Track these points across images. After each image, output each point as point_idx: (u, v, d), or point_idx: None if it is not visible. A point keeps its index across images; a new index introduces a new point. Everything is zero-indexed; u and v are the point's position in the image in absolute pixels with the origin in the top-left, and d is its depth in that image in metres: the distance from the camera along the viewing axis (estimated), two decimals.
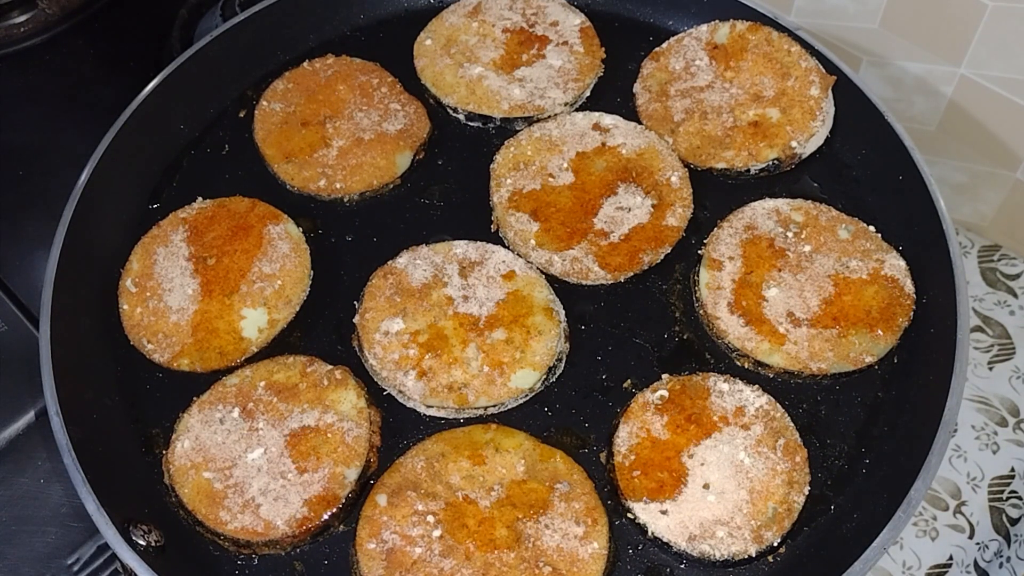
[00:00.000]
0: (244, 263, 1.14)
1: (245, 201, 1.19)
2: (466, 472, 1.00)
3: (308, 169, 1.22)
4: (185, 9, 1.58)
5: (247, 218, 1.17)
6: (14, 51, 1.55)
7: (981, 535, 1.19)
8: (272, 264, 1.14)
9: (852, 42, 1.43)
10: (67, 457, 0.97)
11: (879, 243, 1.14)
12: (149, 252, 1.16)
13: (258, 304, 1.11)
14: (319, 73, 1.30)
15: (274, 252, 1.14)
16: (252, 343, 1.10)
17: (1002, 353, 1.33)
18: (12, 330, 1.23)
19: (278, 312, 1.11)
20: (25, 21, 1.57)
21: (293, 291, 1.13)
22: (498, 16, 1.35)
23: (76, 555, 1.10)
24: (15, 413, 1.17)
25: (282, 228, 1.17)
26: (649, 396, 1.05)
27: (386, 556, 0.95)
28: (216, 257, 1.14)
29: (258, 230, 1.16)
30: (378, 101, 1.27)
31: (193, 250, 1.15)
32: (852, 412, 1.07)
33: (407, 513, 0.97)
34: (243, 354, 1.09)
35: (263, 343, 1.10)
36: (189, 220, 1.18)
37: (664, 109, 1.26)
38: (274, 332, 1.11)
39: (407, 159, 1.24)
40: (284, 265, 1.14)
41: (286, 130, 1.25)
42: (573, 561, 0.95)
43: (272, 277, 1.13)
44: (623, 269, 1.14)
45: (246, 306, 1.11)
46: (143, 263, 1.15)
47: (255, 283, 1.12)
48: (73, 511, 1.12)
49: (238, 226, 1.16)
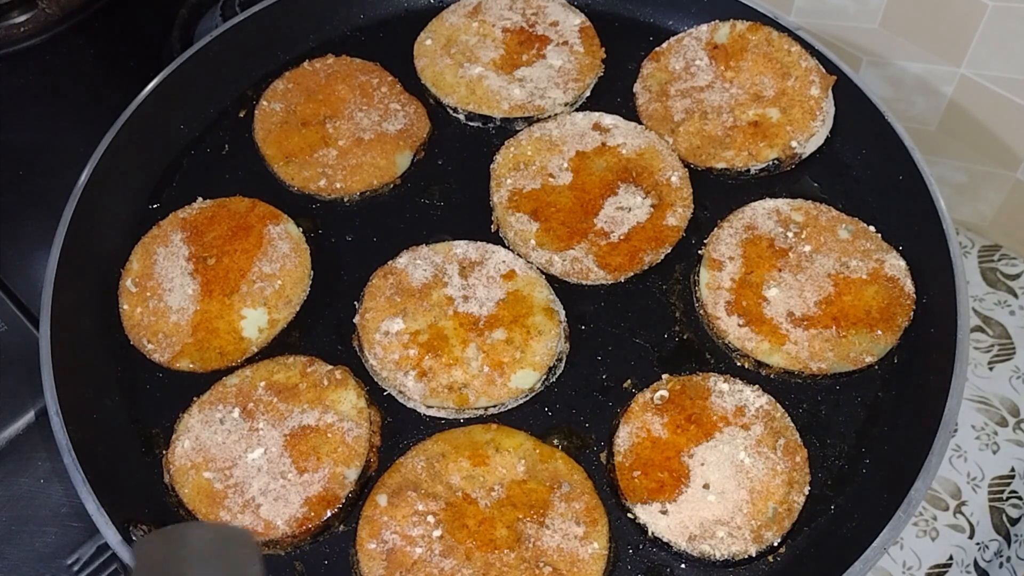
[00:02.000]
0: (244, 263, 1.14)
1: (245, 201, 1.19)
2: (466, 472, 1.00)
3: (308, 169, 1.22)
4: (185, 9, 1.58)
5: (247, 218, 1.17)
6: (14, 51, 1.55)
7: (981, 535, 1.19)
8: (272, 264, 1.14)
9: (852, 42, 1.43)
10: (67, 457, 0.97)
11: (879, 243, 1.14)
12: (149, 252, 1.16)
13: (258, 304, 1.11)
14: (319, 73, 1.30)
15: (274, 252, 1.14)
16: (252, 343, 1.10)
17: (1002, 353, 1.32)
18: (12, 330, 1.23)
19: (278, 312, 1.11)
20: (25, 21, 1.57)
21: (293, 291, 1.13)
22: (498, 16, 1.35)
23: (76, 555, 1.10)
24: (15, 413, 1.17)
25: (282, 228, 1.17)
26: (649, 396, 1.05)
27: (386, 556, 0.95)
28: (216, 257, 1.14)
29: (258, 230, 1.16)
30: (378, 101, 1.28)
31: (193, 250, 1.15)
32: (852, 412, 1.07)
33: (407, 513, 0.97)
34: (243, 354, 1.09)
35: (263, 343, 1.11)
36: (189, 220, 1.18)
37: (664, 109, 1.26)
38: (274, 332, 1.11)
39: (407, 159, 1.24)
40: (284, 265, 1.14)
41: (286, 130, 1.25)
42: (573, 561, 0.95)
43: (272, 277, 1.13)
44: (623, 269, 1.13)
45: (246, 306, 1.11)
46: (143, 263, 1.15)
47: (255, 283, 1.12)
48: (73, 511, 1.12)
49: (238, 226, 1.16)
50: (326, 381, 1.05)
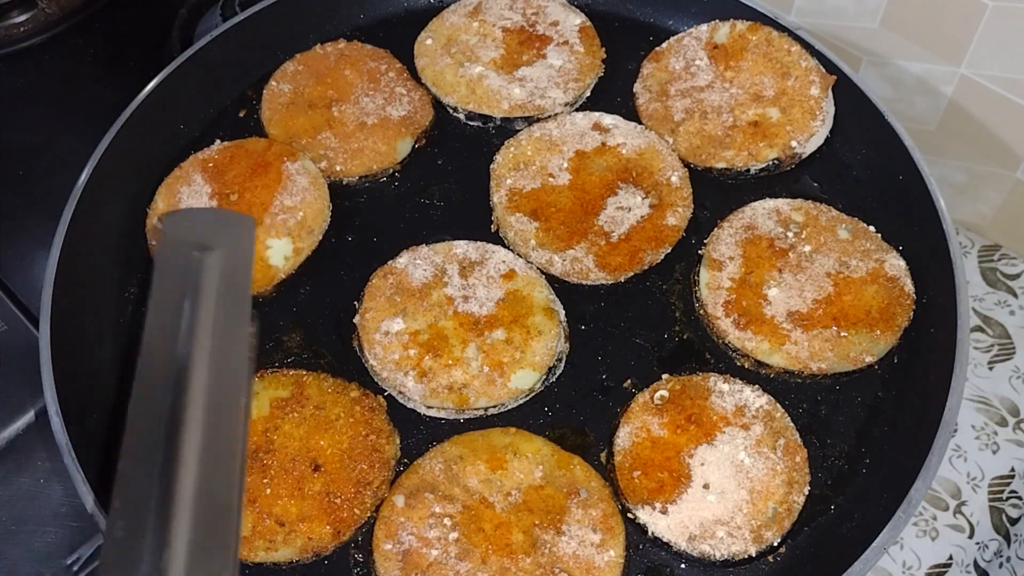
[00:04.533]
0: (266, 197, 1.17)
1: (262, 141, 1.23)
2: (484, 476, 0.99)
3: (311, 151, 1.24)
4: (185, 9, 1.59)
5: (265, 156, 1.21)
6: (14, 51, 1.55)
7: (981, 535, 1.19)
8: (293, 197, 1.17)
9: (852, 42, 1.43)
10: (67, 457, 0.97)
11: (879, 243, 1.14)
12: (173, 191, 1.19)
13: (282, 235, 1.15)
14: (329, 56, 1.32)
15: (294, 186, 1.18)
16: (280, 271, 1.14)
17: (1002, 353, 1.32)
18: (12, 330, 1.23)
19: (302, 241, 1.16)
20: (25, 21, 1.57)
21: (315, 222, 1.18)
22: (499, 16, 1.35)
23: (76, 555, 1.10)
24: (15, 413, 1.17)
25: (300, 164, 1.20)
26: (649, 396, 1.04)
27: (402, 557, 0.95)
28: (238, 193, 1.18)
29: (276, 167, 1.19)
30: (384, 86, 1.29)
31: (215, 188, 1.18)
32: (852, 412, 1.07)
33: (424, 515, 0.97)
34: (271, 281, 1.14)
35: (290, 270, 1.15)
36: (209, 160, 1.21)
37: (664, 109, 1.26)
38: (300, 259, 1.16)
39: (408, 146, 1.26)
40: (304, 198, 1.18)
41: (292, 111, 1.27)
42: (589, 568, 0.95)
43: (294, 209, 1.17)
44: (623, 269, 1.13)
45: (271, 237, 1.15)
46: (168, 202, 1.18)
47: (278, 215, 1.16)
48: (73, 511, 1.12)
49: (257, 164, 1.20)
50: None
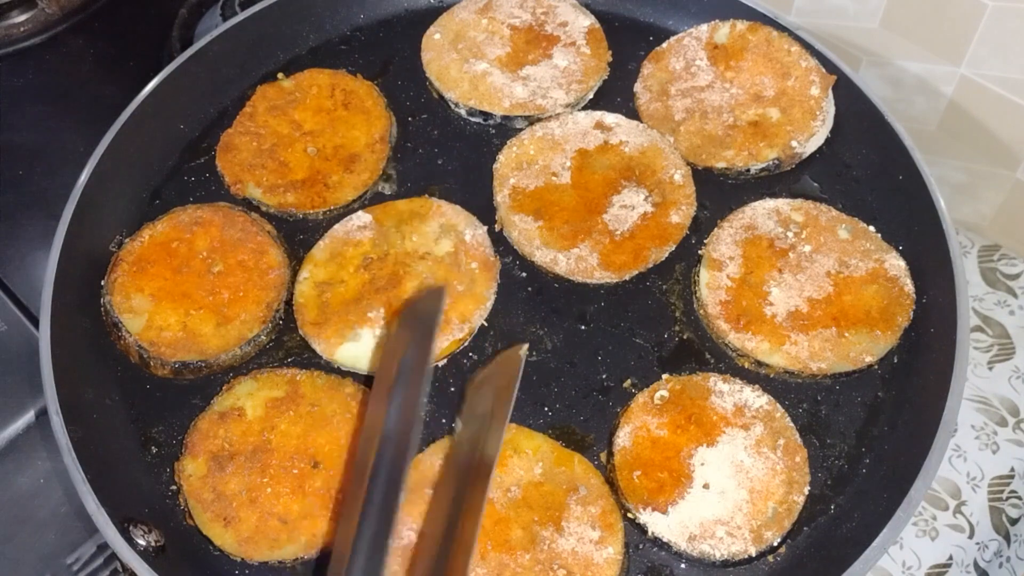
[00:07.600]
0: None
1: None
2: None
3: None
4: (185, 9, 1.59)
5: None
6: (14, 51, 1.55)
7: (981, 535, 1.19)
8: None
9: (852, 42, 1.43)
10: (67, 457, 0.97)
11: (879, 243, 1.14)
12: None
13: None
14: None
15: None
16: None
17: (1002, 353, 1.32)
18: (12, 330, 1.23)
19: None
20: (25, 21, 1.57)
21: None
22: (508, 14, 1.35)
23: (76, 555, 1.10)
24: (15, 413, 1.17)
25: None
26: (649, 396, 1.04)
27: (403, 552, 0.95)
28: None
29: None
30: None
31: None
32: (852, 412, 1.07)
33: (423, 510, 0.97)
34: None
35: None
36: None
37: (665, 109, 1.26)
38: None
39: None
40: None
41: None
42: (588, 565, 0.95)
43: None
44: (628, 267, 1.13)
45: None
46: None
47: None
48: (73, 511, 1.12)
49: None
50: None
